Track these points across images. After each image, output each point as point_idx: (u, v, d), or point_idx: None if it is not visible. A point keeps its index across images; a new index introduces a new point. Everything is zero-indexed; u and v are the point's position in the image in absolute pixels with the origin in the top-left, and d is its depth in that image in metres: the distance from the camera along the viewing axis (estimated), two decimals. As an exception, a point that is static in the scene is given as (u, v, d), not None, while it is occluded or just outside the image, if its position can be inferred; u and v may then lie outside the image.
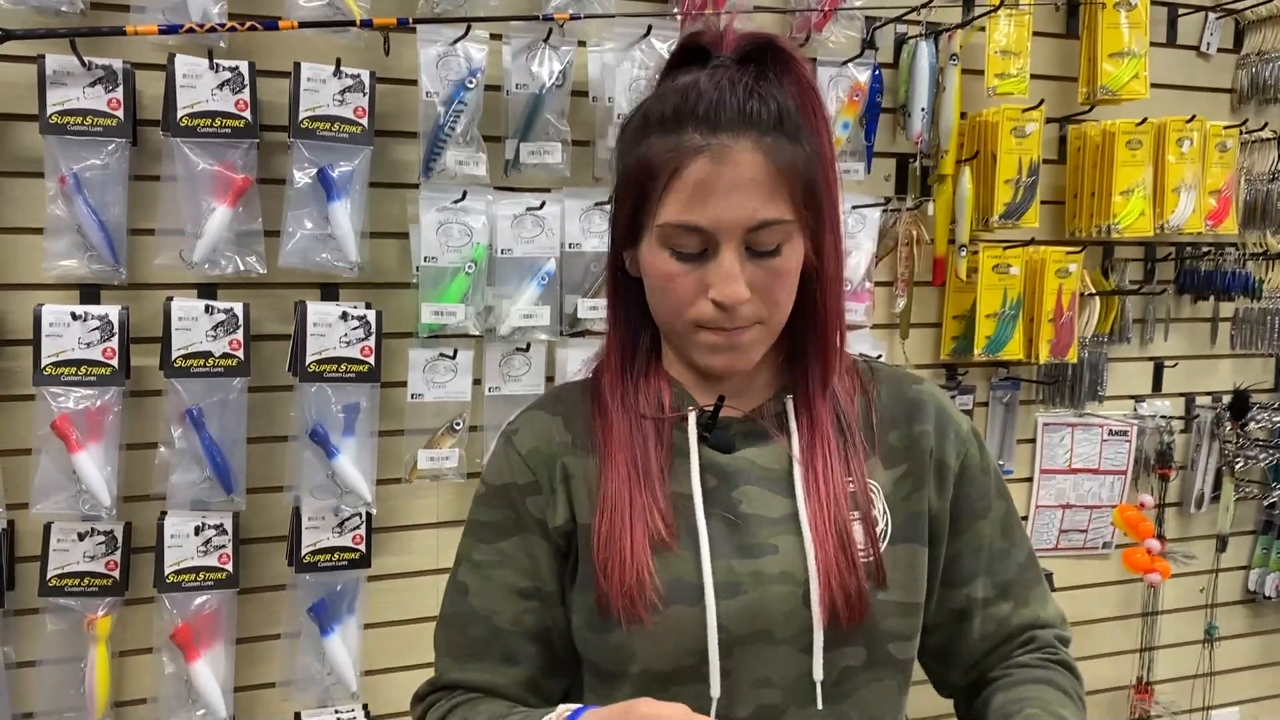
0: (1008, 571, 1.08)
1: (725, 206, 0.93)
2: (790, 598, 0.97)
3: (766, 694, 0.97)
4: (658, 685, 0.97)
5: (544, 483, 1.04)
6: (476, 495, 1.09)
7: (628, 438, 1.01)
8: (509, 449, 1.07)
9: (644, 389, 1.05)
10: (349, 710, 1.95)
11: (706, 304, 0.96)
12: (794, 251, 0.98)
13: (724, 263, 0.95)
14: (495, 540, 1.04)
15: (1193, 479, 2.73)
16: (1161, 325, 2.66)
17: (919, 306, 2.40)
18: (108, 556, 1.80)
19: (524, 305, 1.96)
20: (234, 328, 1.80)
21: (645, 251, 0.99)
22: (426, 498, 2.05)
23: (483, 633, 1.03)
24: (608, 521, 0.98)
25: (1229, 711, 2.89)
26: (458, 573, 1.07)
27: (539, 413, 1.09)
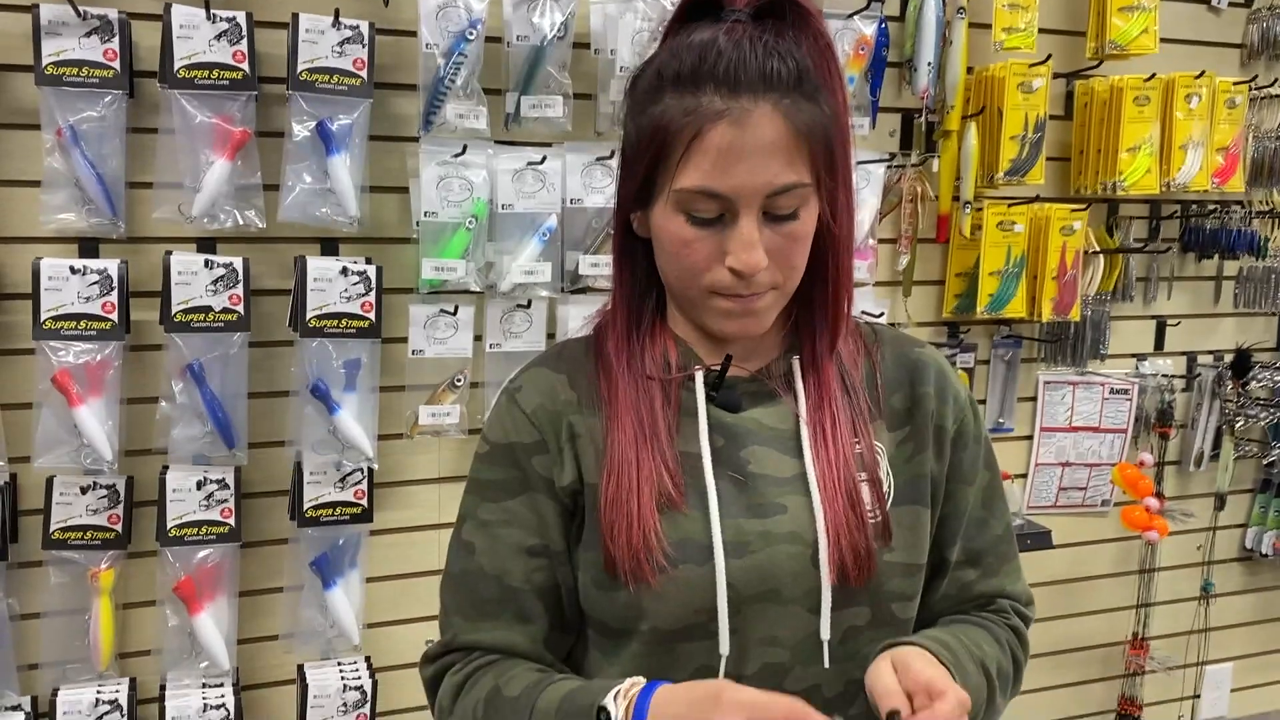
0: (982, 541, 1.09)
1: (746, 172, 0.91)
2: (799, 557, 0.97)
3: (773, 653, 0.98)
4: (665, 643, 0.97)
5: (550, 442, 1.02)
6: (478, 453, 1.07)
7: (634, 398, 1.00)
8: (513, 407, 1.05)
9: (650, 349, 1.03)
10: (351, 662, 1.97)
11: (723, 271, 0.95)
12: (810, 215, 0.96)
13: (743, 230, 0.93)
14: (501, 499, 1.03)
15: (1192, 437, 2.73)
16: (1165, 284, 2.65)
17: (922, 264, 2.39)
18: (110, 510, 1.80)
19: (525, 261, 1.95)
20: (234, 282, 1.79)
21: (659, 215, 0.97)
22: (428, 453, 2.06)
23: (494, 592, 1.02)
24: (614, 482, 0.98)
25: (1223, 667, 2.92)
26: (462, 531, 1.05)
27: (543, 370, 1.07)
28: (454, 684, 1.02)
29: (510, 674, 0.99)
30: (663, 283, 1.04)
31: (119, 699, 1.80)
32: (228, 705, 1.83)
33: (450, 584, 1.06)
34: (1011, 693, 1.07)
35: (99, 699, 1.79)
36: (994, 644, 1.03)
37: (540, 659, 1.03)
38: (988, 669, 1.00)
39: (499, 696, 0.98)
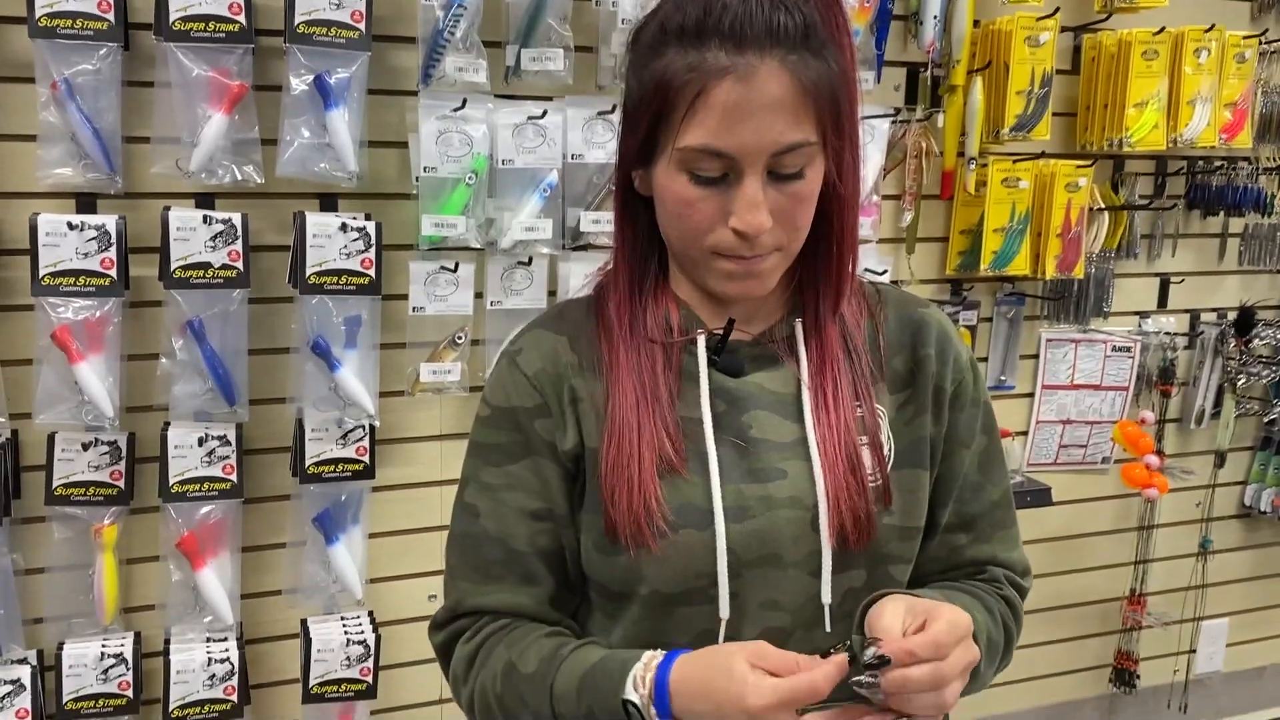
0: (976, 506, 1.07)
1: (751, 131, 0.89)
2: (799, 522, 0.97)
3: (774, 616, 0.98)
4: (665, 607, 0.97)
5: (552, 405, 1.02)
6: (479, 416, 1.06)
7: (635, 362, 0.99)
8: (514, 370, 1.04)
9: (652, 311, 1.02)
10: (355, 617, 1.98)
11: (726, 232, 0.93)
12: (816, 175, 0.94)
13: (747, 190, 0.91)
14: (504, 463, 1.02)
15: (1194, 395, 2.73)
16: (1170, 241, 2.63)
17: (926, 220, 2.37)
18: (112, 466, 1.81)
19: (525, 218, 1.93)
20: (233, 238, 1.78)
21: (661, 174, 0.95)
22: (429, 410, 2.06)
23: (499, 554, 1.02)
24: (615, 447, 0.97)
25: (1219, 622, 2.94)
26: (465, 494, 1.05)
27: (543, 332, 1.05)
28: (466, 654, 1.02)
29: (522, 646, 0.99)
30: (665, 243, 1.02)
31: (124, 652, 1.81)
32: (232, 659, 1.85)
33: (455, 546, 1.06)
34: (1001, 664, 1.06)
35: (104, 653, 1.80)
36: (984, 612, 1.02)
37: (547, 619, 1.03)
38: (976, 637, 0.99)
39: (515, 673, 0.97)
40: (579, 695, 0.93)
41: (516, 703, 0.97)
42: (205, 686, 1.84)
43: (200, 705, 1.84)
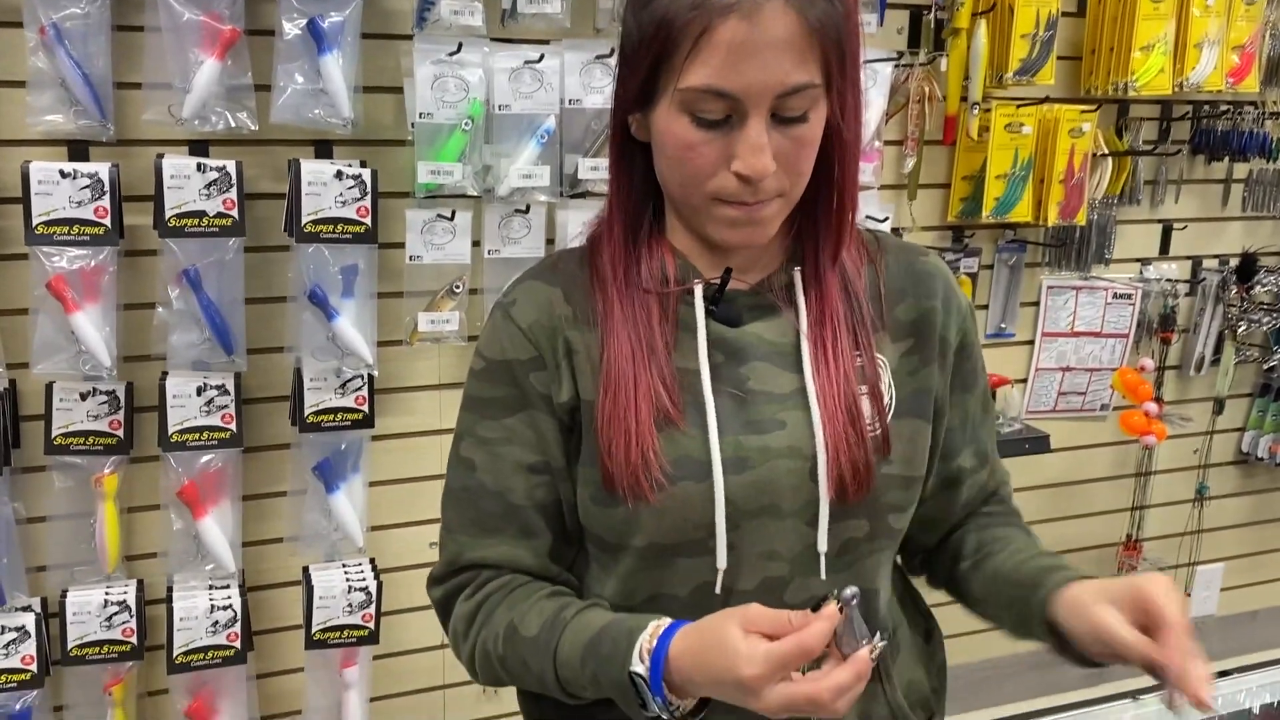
0: (984, 439, 1.11)
1: (756, 70, 0.87)
2: (797, 472, 0.97)
3: (772, 566, 0.98)
4: (663, 558, 0.97)
5: (547, 358, 1.00)
6: (473, 370, 1.04)
7: (631, 313, 0.98)
8: (508, 322, 1.02)
9: (647, 261, 1.00)
10: (356, 564, 1.99)
11: (729, 176, 0.91)
12: (819, 118, 0.92)
13: (751, 132, 0.89)
14: (500, 416, 1.01)
15: (1194, 342, 2.73)
16: (1173, 187, 2.61)
17: (928, 166, 2.35)
18: (111, 416, 1.81)
19: (523, 165, 1.91)
20: (227, 186, 1.76)
21: (661, 117, 0.92)
22: (428, 360, 2.05)
23: (497, 508, 1.01)
24: (611, 399, 0.96)
25: (1213, 567, 2.97)
26: (461, 448, 1.04)
27: (536, 283, 1.04)
28: (466, 612, 1.02)
29: (524, 608, 0.98)
30: (661, 190, 1.00)
31: (127, 600, 1.83)
32: (234, 606, 1.86)
33: (452, 500, 1.05)
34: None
35: (107, 600, 1.82)
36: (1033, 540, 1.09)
37: (546, 572, 1.03)
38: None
39: (516, 635, 0.97)
40: (583, 662, 0.93)
41: (519, 665, 0.97)
42: (208, 633, 1.86)
43: (204, 651, 1.86)
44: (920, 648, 1.13)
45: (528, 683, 1.00)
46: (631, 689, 0.89)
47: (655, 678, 0.88)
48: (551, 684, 0.96)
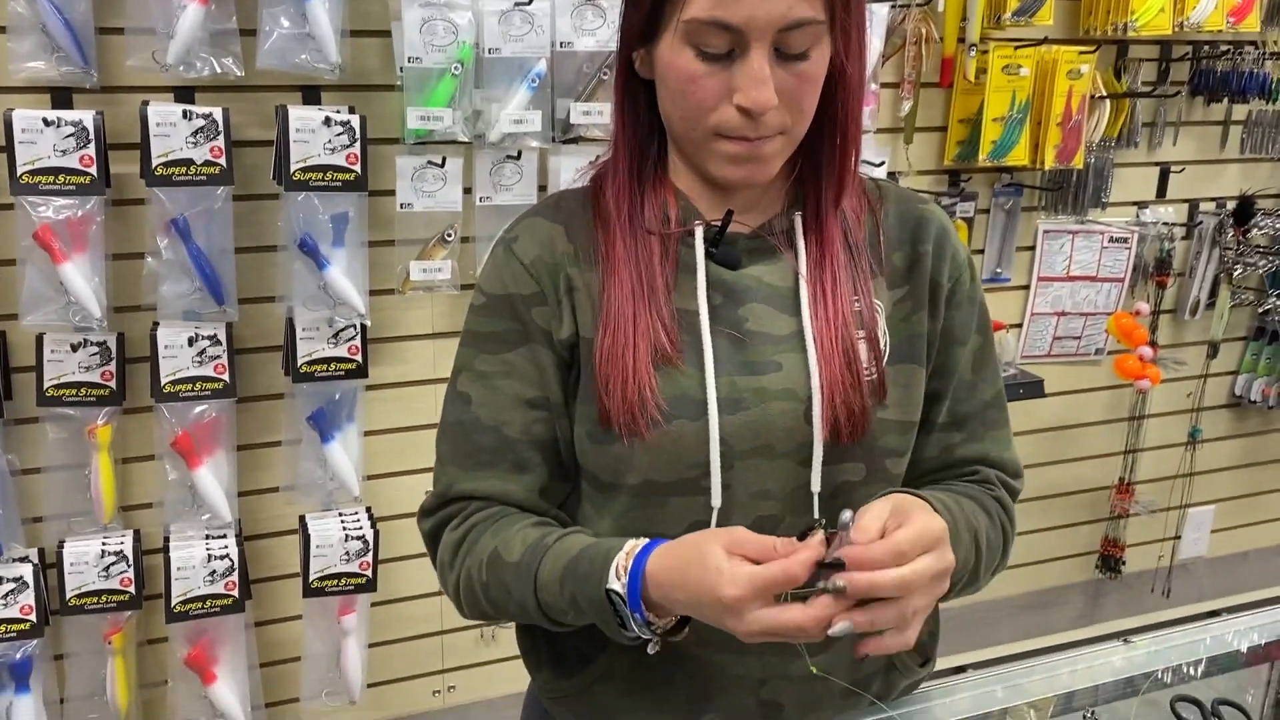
0: (969, 405, 1.07)
1: (759, 2, 0.86)
2: (792, 414, 0.97)
3: (765, 505, 0.98)
4: (657, 497, 0.98)
5: (549, 293, 1.00)
6: (474, 305, 1.04)
7: (633, 252, 0.98)
8: (510, 257, 1.02)
9: (650, 201, 1.00)
10: (352, 513, 2.00)
11: (730, 110, 0.91)
12: (822, 56, 0.92)
13: (753, 64, 0.88)
14: (500, 351, 1.01)
15: (1189, 286, 2.72)
16: (1171, 129, 2.59)
17: (924, 109, 2.33)
18: (103, 367, 1.80)
19: (514, 109, 1.89)
20: (214, 133, 1.74)
21: (664, 50, 0.92)
22: (421, 309, 2.04)
23: (492, 441, 1.01)
24: (610, 337, 0.96)
25: (1204, 510, 2.99)
26: (458, 382, 1.03)
27: (539, 220, 1.03)
28: (453, 541, 1.02)
29: (507, 535, 0.99)
30: (665, 129, 1.00)
31: (124, 550, 1.83)
32: (231, 555, 1.87)
33: (446, 434, 1.04)
34: (998, 568, 1.06)
35: (104, 550, 1.82)
36: (986, 516, 1.03)
37: (535, 508, 1.03)
38: (979, 541, 1.00)
39: (499, 561, 0.98)
40: (562, 583, 0.93)
41: (501, 591, 0.98)
42: (206, 582, 1.87)
43: (202, 600, 1.87)
44: None
45: (510, 611, 0.99)
46: (609, 608, 0.89)
47: (633, 594, 0.87)
48: (533, 609, 0.96)
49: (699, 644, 1.00)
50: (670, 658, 1.01)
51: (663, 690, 1.03)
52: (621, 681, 1.04)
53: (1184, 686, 1.15)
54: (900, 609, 0.82)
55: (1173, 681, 1.16)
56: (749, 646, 0.99)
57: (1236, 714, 1.11)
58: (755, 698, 1.03)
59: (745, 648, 0.99)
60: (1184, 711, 1.10)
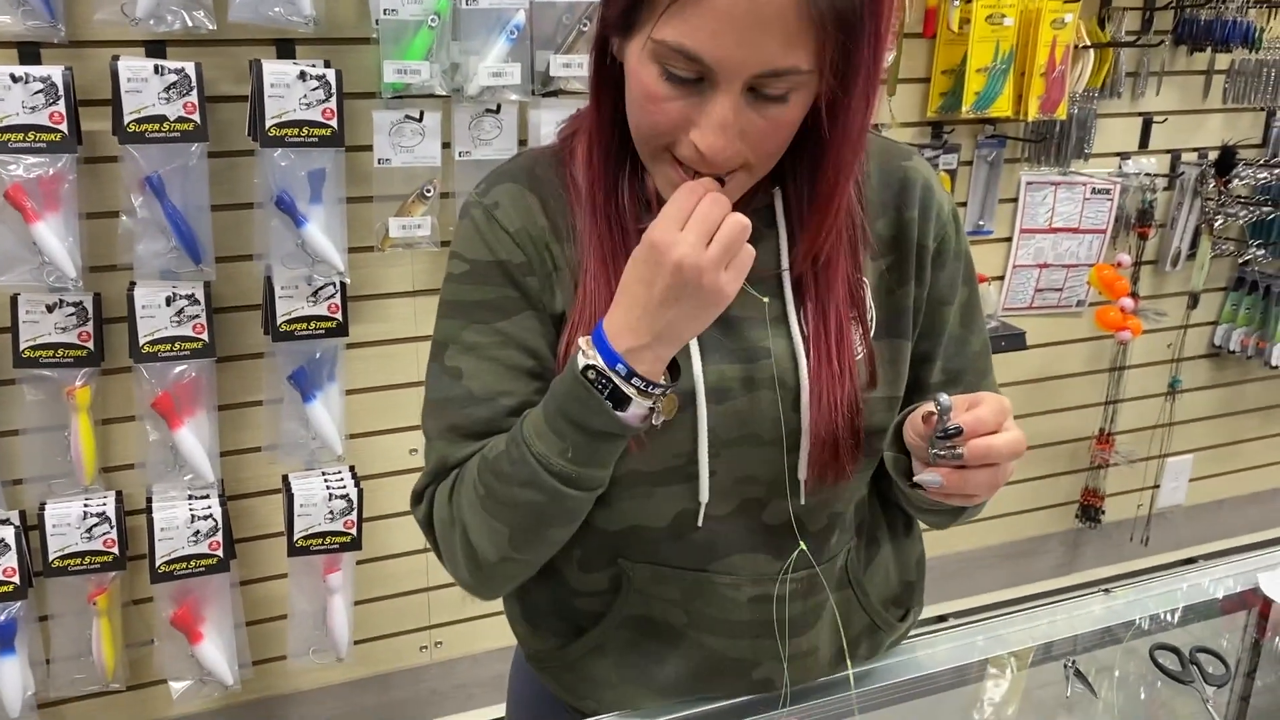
0: (961, 359, 1.05)
1: (736, 44, 0.77)
2: (780, 403, 0.94)
3: (750, 489, 0.97)
4: (644, 487, 0.95)
5: (537, 267, 0.95)
6: (454, 274, 0.97)
7: (611, 248, 0.92)
8: (493, 224, 0.95)
9: (627, 186, 0.94)
10: (336, 472, 2.00)
11: (688, 142, 0.83)
12: (801, 102, 0.83)
13: (718, 108, 0.81)
14: (494, 320, 0.94)
15: (1171, 237, 2.73)
16: (1154, 79, 2.57)
17: (907, 60, 2.31)
18: (80, 328, 1.78)
19: (492, 62, 1.86)
20: (187, 89, 1.71)
21: (633, 56, 0.84)
22: (401, 266, 2.02)
23: (487, 413, 0.94)
24: (589, 321, 0.91)
25: (1183, 459, 3.02)
26: (445, 357, 0.96)
27: (516, 187, 0.97)
28: (444, 493, 0.96)
29: (489, 444, 0.93)
30: None
31: (106, 511, 1.83)
32: (215, 515, 1.87)
33: (434, 411, 0.97)
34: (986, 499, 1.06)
35: (86, 512, 1.81)
36: None
37: None
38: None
39: (486, 461, 0.91)
40: (548, 419, 0.87)
41: (502, 483, 0.90)
42: (190, 542, 1.86)
43: (186, 560, 1.87)
44: (900, 544, 1.13)
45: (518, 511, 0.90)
46: (593, 388, 0.84)
47: (605, 352, 0.84)
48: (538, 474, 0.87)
49: (692, 626, 1.00)
50: (663, 638, 1.01)
51: (653, 670, 1.03)
52: (613, 656, 1.04)
53: (1163, 635, 1.17)
54: (996, 475, 0.84)
55: (1152, 629, 1.17)
56: (741, 630, 0.99)
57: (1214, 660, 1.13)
58: (747, 680, 1.02)
59: (737, 632, 1.00)
60: (1163, 659, 1.11)
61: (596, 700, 1.06)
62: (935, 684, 1.11)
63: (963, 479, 0.83)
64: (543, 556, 0.96)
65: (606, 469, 0.89)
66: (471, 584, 0.97)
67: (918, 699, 1.09)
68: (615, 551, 1.00)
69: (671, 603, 1.00)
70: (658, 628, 1.02)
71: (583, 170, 0.95)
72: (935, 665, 1.11)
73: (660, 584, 0.99)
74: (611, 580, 1.02)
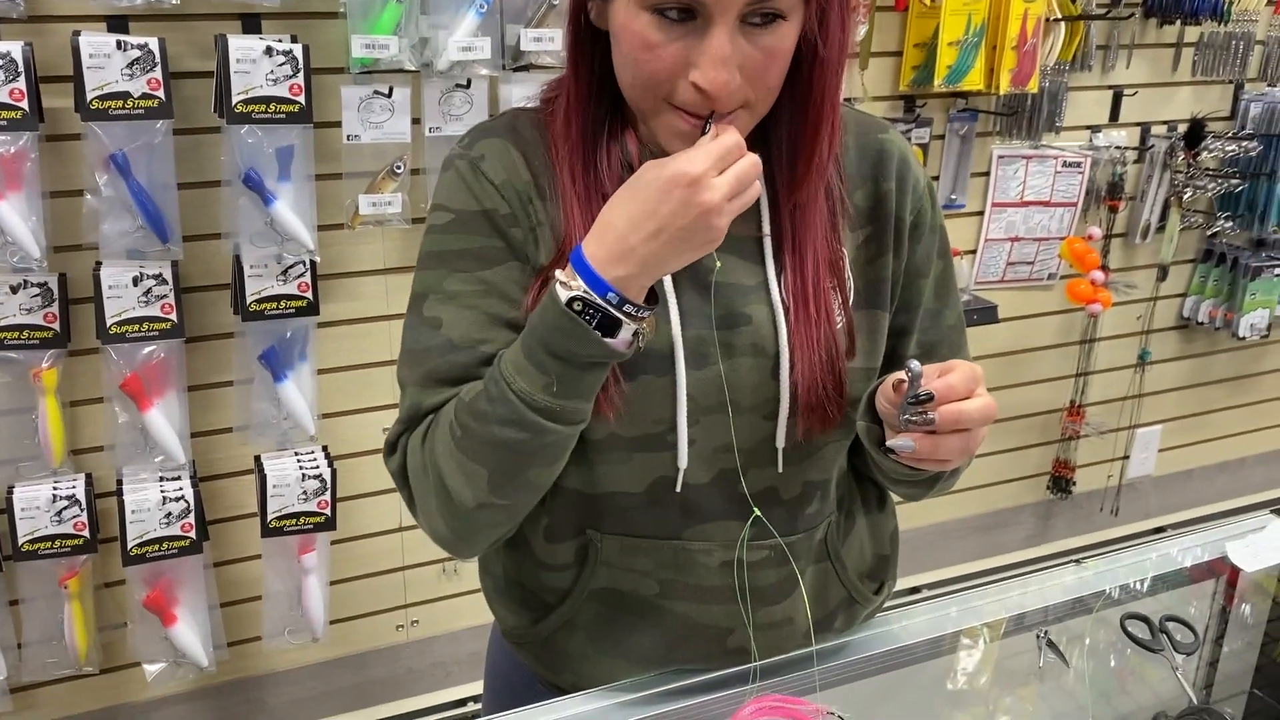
0: (936, 332, 1.05)
1: None
2: (759, 369, 0.95)
3: (728, 459, 0.97)
4: (620, 451, 0.96)
5: (521, 220, 0.94)
6: (439, 224, 0.96)
7: (592, 209, 0.90)
8: (478, 175, 0.95)
9: (607, 156, 0.94)
10: (309, 452, 1.98)
11: (687, 86, 0.84)
12: (793, 29, 0.84)
13: (715, 41, 0.81)
14: (476, 269, 0.93)
15: (1140, 210, 2.75)
16: (1124, 52, 2.58)
17: (880, 34, 2.30)
18: (45, 309, 1.75)
19: (462, 36, 1.84)
20: (151, 65, 1.68)
21: (620, 10, 0.84)
22: (371, 244, 2.00)
23: (466, 360, 0.92)
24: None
25: (1152, 430, 3.06)
26: (424, 307, 0.94)
27: (500, 141, 0.96)
28: (417, 439, 0.94)
29: (464, 389, 0.91)
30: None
31: (76, 494, 1.81)
32: (187, 497, 1.85)
33: (411, 360, 0.95)
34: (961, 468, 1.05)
35: (56, 495, 1.79)
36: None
37: None
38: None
39: (461, 403, 0.89)
40: (527, 351, 0.85)
41: (479, 421, 0.87)
42: (162, 524, 1.85)
43: (159, 542, 1.85)
44: (874, 518, 1.14)
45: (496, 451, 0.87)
46: (580, 318, 0.82)
47: (592, 281, 0.82)
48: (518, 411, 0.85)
49: (664, 596, 1.00)
50: (635, 610, 1.02)
51: (628, 640, 1.03)
52: (583, 630, 1.04)
53: (1133, 604, 1.18)
54: (968, 441, 0.84)
55: (1122, 599, 1.19)
56: (713, 596, 1.00)
57: (1183, 629, 1.14)
58: (721, 646, 1.03)
59: (709, 598, 1.00)
60: (1133, 628, 1.13)
61: (575, 674, 1.06)
62: (910, 656, 1.12)
63: (935, 444, 0.83)
64: (522, 503, 0.93)
65: (589, 401, 0.88)
66: (448, 536, 0.94)
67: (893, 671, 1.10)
68: (585, 521, 1.00)
69: (643, 574, 1.00)
70: (628, 600, 1.02)
71: (562, 136, 0.94)
72: (910, 637, 1.12)
73: (631, 556, 1.00)
74: (577, 553, 1.02)
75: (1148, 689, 1.15)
